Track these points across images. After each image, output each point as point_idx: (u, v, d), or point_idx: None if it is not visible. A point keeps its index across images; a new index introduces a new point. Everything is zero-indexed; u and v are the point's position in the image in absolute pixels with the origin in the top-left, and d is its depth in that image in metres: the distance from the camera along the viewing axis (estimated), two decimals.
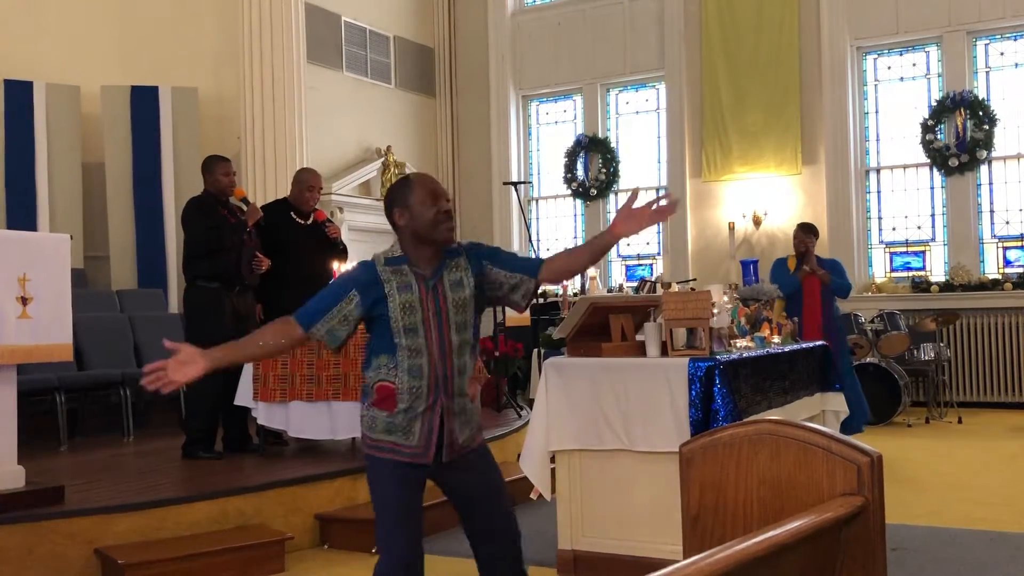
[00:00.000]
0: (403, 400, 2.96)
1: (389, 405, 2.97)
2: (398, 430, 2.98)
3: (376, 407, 2.99)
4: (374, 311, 2.98)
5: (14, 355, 4.34)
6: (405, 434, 2.98)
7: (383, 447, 3.00)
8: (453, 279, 3.00)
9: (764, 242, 11.01)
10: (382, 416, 2.98)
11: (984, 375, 9.94)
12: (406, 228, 2.98)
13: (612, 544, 4.21)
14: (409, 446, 2.98)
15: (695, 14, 11.48)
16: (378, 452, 3.02)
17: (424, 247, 2.98)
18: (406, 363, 2.95)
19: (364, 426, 3.05)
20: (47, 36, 9.32)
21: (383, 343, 2.99)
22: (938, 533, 4.90)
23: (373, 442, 3.02)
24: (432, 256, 2.99)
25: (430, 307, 2.95)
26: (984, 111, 10.19)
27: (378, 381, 2.99)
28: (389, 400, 2.97)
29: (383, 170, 11.65)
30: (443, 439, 3.00)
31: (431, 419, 2.98)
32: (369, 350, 3.06)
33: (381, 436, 3.00)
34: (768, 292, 6.33)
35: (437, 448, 3.00)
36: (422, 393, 2.96)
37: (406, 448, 2.98)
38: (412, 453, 2.98)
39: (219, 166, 6.08)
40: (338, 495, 5.27)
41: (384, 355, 2.98)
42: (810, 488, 2.20)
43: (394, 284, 2.96)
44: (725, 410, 3.88)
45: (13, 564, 4.14)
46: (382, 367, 2.98)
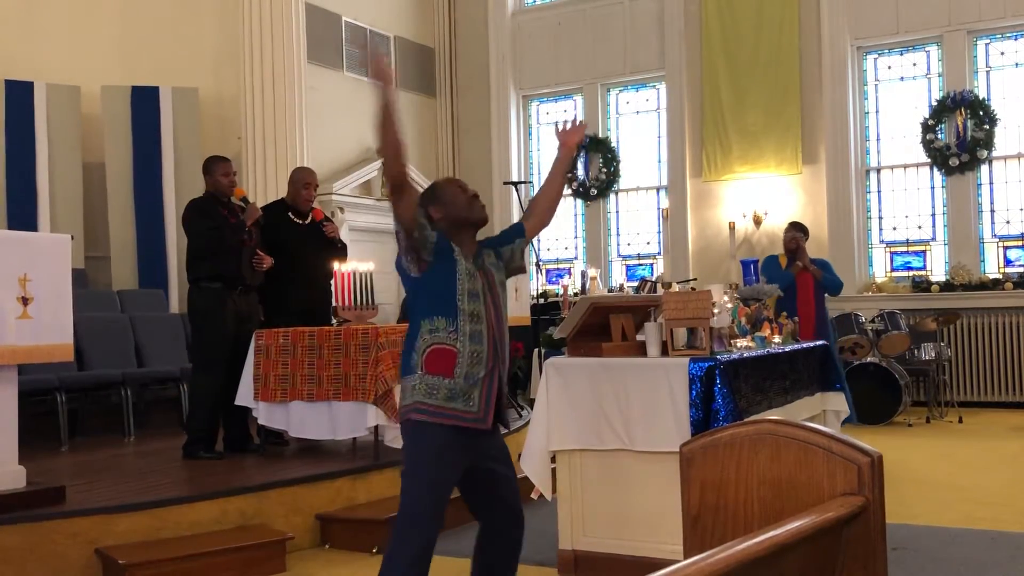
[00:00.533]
0: (462, 365, 2.99)
1: (448, 369, 2.99)
2: (460, 396, 3.00)
3: (432, 373, 2.99)
4: (440, 262, 3.04)
5: (15, 355, 4.35)
6: (467, 400, 3.01)
7: (446, 414, 2.99)
8: (491, 262, 3.20)
9: (764, 242, 11.00)
10: (443, 382, 2.99)
11: (985, 375, 9.94)
12: (443, 220, 3.13)
13: (613, 544, 4.21)
14: (471, 412, 3.02)
15: (695, 14, 11.48)
16: (437, 419, 3.00)
17: (464, 232, 3.14)
18: (468, 327, 3.01)
19: (419, 394, 3.02)
20: (47, 36, 9.32)
21: (440, 305, 3.02)
22: (939, 533, 4.90)
23: (435, 408, 3.00)
24: (471, 241, 3.16)
25: (482, 281, 3.11)
26: (984, 111, 10.18)
27: (434, 344, 3.00)
28: (448, 364, 2.99)
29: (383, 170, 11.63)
30: (501, 404, 3.10)
31: (491, 385, 3.04)
32: (419, 314, 3.06)
33: (443, 403, 2.99)
34: (768, 292, 6.34)
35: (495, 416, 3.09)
36: (482, 359, 3.02)
37: (468, 415, 3.01)
38: (474, 419, 3.02)
39: (219, 166, 6.08)
40: (339, 495, 5.27)
41: (442, 317, 3.01)
42: (811, 488, 2.20)
43: (457, 252, 3.09)
44: (725, 410, 3.88)
45: (14, 564, 4.14)
46: (440, 330, 3.00)
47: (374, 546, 4.89)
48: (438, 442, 3.01)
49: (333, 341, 5.65)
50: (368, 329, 5.59)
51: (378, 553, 4.84)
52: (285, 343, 5.81)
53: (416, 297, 3.11)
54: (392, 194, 3.05)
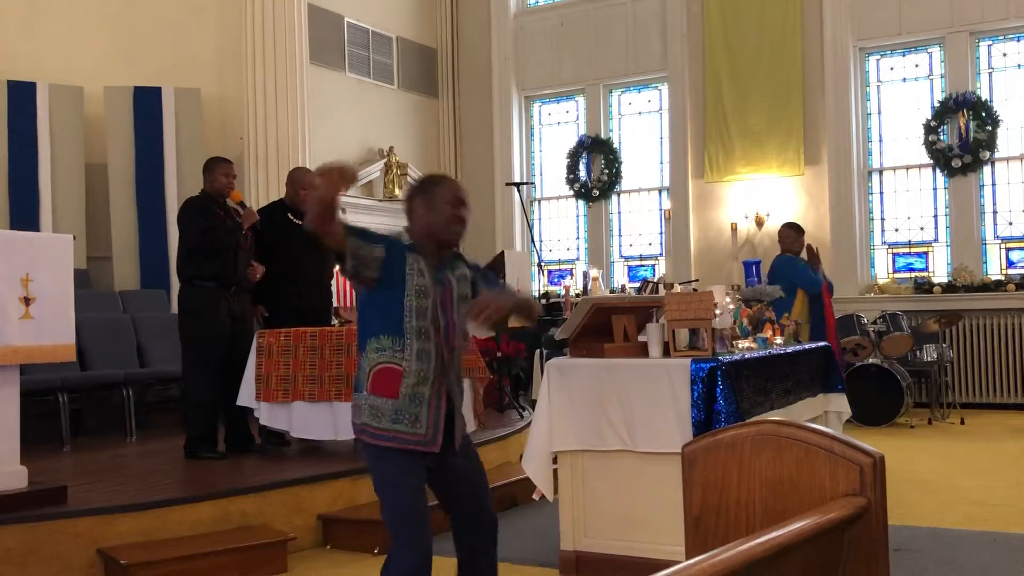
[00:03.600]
0: (407, 385, 2.91)
1: (392, 391, 2.91)
2: (405, 418, 2.92)
3: (376, 393, 2.92)
4: (390, 278, 2.93)
5: (17, 355, 4.35)
6: (412, 422, 2.92)
7: (386, 436, 2.92)
8: (458, 274, 3.09)
9: (767, 243, 11.00)
10: (387, 404, 2.91)
11: (987, 376, 9.93)
12: (422, 219, 3.03)
13: (614, 545, 4.21)
14: (417, 434, 2.93)
15: (697, 15, 11.48)
16: (383, 442, 2.93)
17: (431, 243, 3.02)
18: (415, 346, 2.92)
19: (364, 415, 2.95)
20: (50, 37, 9.33)
21: (388, 323, 2.93)
22: (940, 534, 4.89)
23: (376, 431, 2.93)
24: (437, 252, 3.04)
25: (438, 295, 2.99)
26: (987, 112, 10.18)
27: (380, 364, 2.92)
28: (393, 384, 2.91)
29: (386, 171, 11.66)
30: (451, 426, 3.01)
31: (438, 405, 2.96)
32: (367, 332, 2.99)
33: (387, 425, 2.92)
34: (770, 293, 6.34)
35: (445, 436, 2.99)
36: (428, 378, 2.93)
37: (413, 437, 2.93)
38: (420, 441, 2.93)
39: (221, 166, 6.09)
40: (340, 496, 5.27)
41: (388, 336, 2.93)
42: (812, 489, 2.20)
43: (414, 266, 2.98)
44: (727, 411, 3.88)
45: (16, 564, 4.15)
46: (385, 349, 2.92)
47: (375, 547, 4.89)
48: (393, 462, 2.95)
49: (335, 341, 5.65)
50: None
51: (380, 554, 4.85)
52: (287, 343, 5.81)
53: (364, 313, 3.02)
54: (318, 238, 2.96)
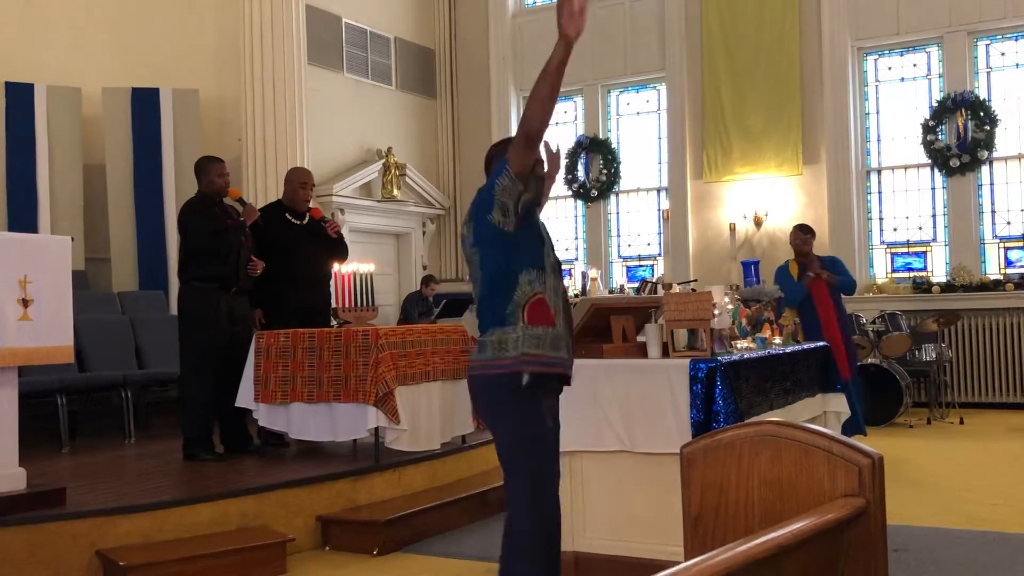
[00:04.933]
0: (557, 314, 3.03)
1: (549, 319, 3.00)
2: (563, 344, 3.04)
3: (535, 324, 2.98)
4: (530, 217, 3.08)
5: (15, 357, 4.35)
6: (568, 349, 3.06)
7: (555, 362, 3.00)
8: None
9: (765, 243, 11.01)
10: (549, 331, 2.99)
11: (986, 376, 9.94)
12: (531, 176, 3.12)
13: (613, 545, 4.20)
14: (570, 360, 3.08)
15: (695, 15, 11.48)
16: (551, 368, 2.99)
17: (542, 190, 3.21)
18: (551, 280, 3.06)
19: (522, 346, 2.96)
20: (48, 38, 9.33)
21: (530, 256, 3.04)
22: (940, 534, 4.89)
23: (543, 358, 2.97)
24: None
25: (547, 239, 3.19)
26: (985, 111, 10.18)
27: (534, 295, 3.00)
28: (548, 314, 3.00)
29: (384, 171, 11.65)
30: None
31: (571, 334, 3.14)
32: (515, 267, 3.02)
33: (552, 353, 2.99)
34: (769, 293, 6.33)
35: None
36: (559, 311, 3.06)
37: (569, 362, 3.06)
38: (568, 367, 3.08)
39: (214, 167, 6.07)
40: (339, 497, 5.27)
41: (534, 269, 3.03)
42: (811, 489, 2.20)
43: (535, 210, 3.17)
44: (726, 411, 3.87)
45: (15, 566, 4.14)
46: (534, 281, 3.01)
47: (375, 547, 4.89)
48: (544, 404, 3.01)
49: (333, 342, 5.65)
50: (368, 330, 5.59)
51: (379, 555, 4.85)
52: (285, 345, 5.81)
53: (510, 250, 3.03)
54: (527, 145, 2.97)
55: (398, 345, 5.64)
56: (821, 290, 7.32)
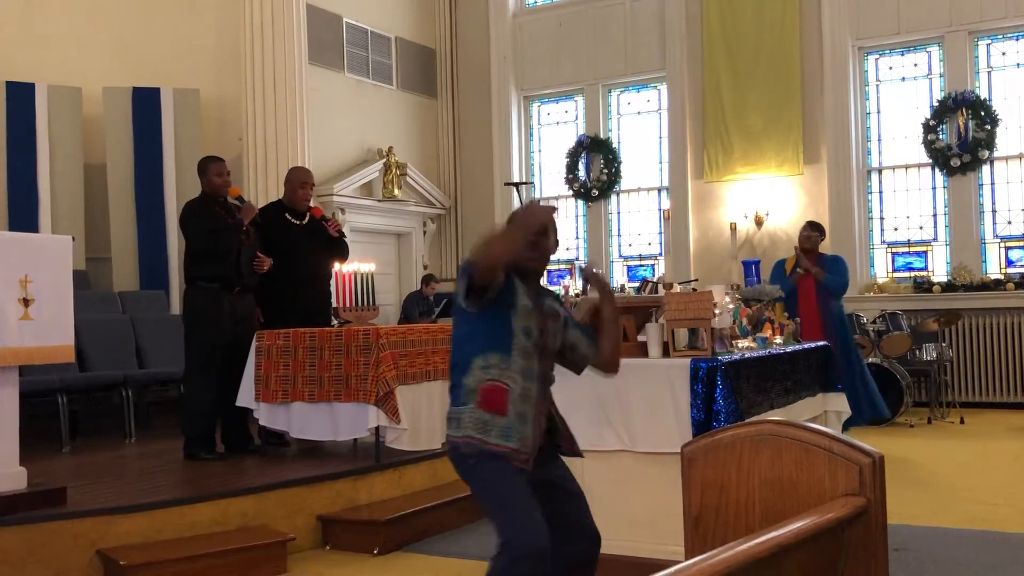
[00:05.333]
0: (514, 403, 2.89)
1: (501, 407, 2.88)
2: (514, 436, 2.88)
3: (484, 409, 2.88)
4: (500, 297, 2.92)
5: (16, 356, 4.35)
6: (520, 440, 2.89)
7: (498, 453, 2.87)
8: (549, 306, 3.08)
9: (766, 242, 11.01)
10: (496, 420, 2.88)
11: (986, 375, 9.93)
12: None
13: (614, 545, 4.18)
14: (523, 452, 2.89)
15: (696, 15, 11.48)
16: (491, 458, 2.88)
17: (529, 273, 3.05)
18: (520, 363, 2.91)
19: (468, 428, 2.90)
20: (49, 38, 9.33)
21: (495, 340, 2.91)
22: (940, 534, 4.89)
23: (484, 445, 2.88)
24: (534, 280, 3.08)
25: (539, 318, 3.01)
26: (986, 111, 10.18)
27: (487, 380, 2.89)
28: (501, 401, 2.88)
29: (384, 171, 11.66)
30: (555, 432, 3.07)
31: (539, 423, 2.96)
32: (470, 349, 2.95)
33: (498, 441, 2.87)
34: (770, 293, 6.33)
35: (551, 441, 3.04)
36: (531, 396, 2.93)
37: (519, 455, 2.88)
38: (523, 460, 2.89)
39: (212, 167, 6.07)
40: (340, 496, 5.27)
41: (495, 353, 2.90)
42: (812, 489, 2.20)
43: (519, 288, 2.98)
44: (727, 411, 3.87)
45: (15, 565, 4.14)
46: (492, 367, 2.89)
47: (375, 547, 4.89)
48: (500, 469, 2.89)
49: (334, 342, 5.65)
50: (369, 330, 5.59)
51: (379, 554, 4.85)
52: (286, 344, 5.80)
53: (470, 332, 2.98)
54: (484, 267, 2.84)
55: (399, 344, 5.63)
56: (808, 291, 7.29)
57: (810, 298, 7.27)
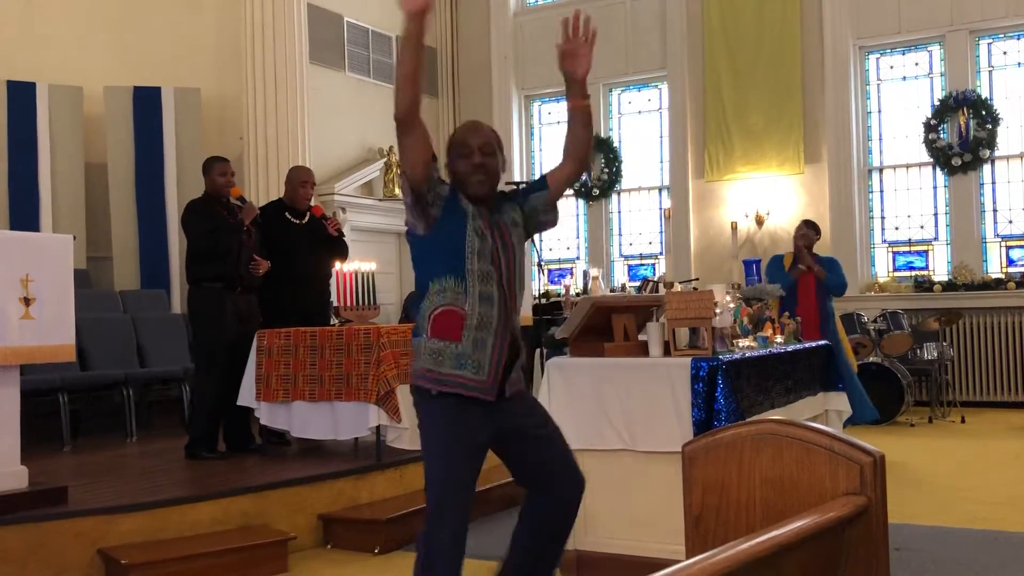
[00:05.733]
0: (470, 328, 2.79)
1: (455, 333, 2.78)
2: (468, 363, 2.78)
3: (439, 337, 2.80)
4: (449, 218, 2.84)
5: (17, 356, 4.35)
6: (476, 368, 2.79)
7: (449, 381, 2.79)
8: (508, 219, 3.00)
9: (767, 242, 11.00)
10: (450, 347, 2.78)
11: (987, 375, 9.93)
12: (452, 176, 2.96)
13: (615, 544, 4.21)
14: (479, 380, 2.79)
15: (697, 14, 11.48)
16: (442, 387, 2.80)
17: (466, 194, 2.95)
18: (477, 288, 2.81)
19: (424, 360, 2.83)
20: (49, 37, 9.33)
21: (449, 264, 2.82)
22: (941, 533, 4.89)
23: (438, 376, 2.80)
24: (485, 203, 2.96)
25: (496, 238, 2.91)
26: (987, 110, 10.18)
27: (442, 305, 2.81)
28: (455, 327, 2.79)
29: (385, 170, 11.65)
30: (506, 374, 2.87)
31: (501, 351, 2.83)
32: (428, 273, 2.88)
33: (450, 370, 2.78)
34: (771, 292, 6.33)
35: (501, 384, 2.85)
36: (491, 322, 2.82)
37: (474, 382, 2.79)
38: (481, 388, 2.79)
39: (216, 166, 6.09)
40: (341, 495, 5.27)
41: (451, 277, 2.81)
42: (812, 488, 2.20)
43: (469, 208, 2.90)
44: (727, 410, 3.87)
45: (16, 564, 4.15)
46: (447, 290, 2.81)
47: (376, 546, 4.89)
48: (449, 420, 2.81)
49: (335, 341, 5.65)
50: (370, 329, 5.59)
51: (380, 553, 4.85)
52: (287, 343, 5.81)
53: (424, 255, 2.91)
54: (400, 134, 2.75)
55: (400, 344, 5.63)
56: (808, 287, 7.28)
57: (810, 296, 7.26)
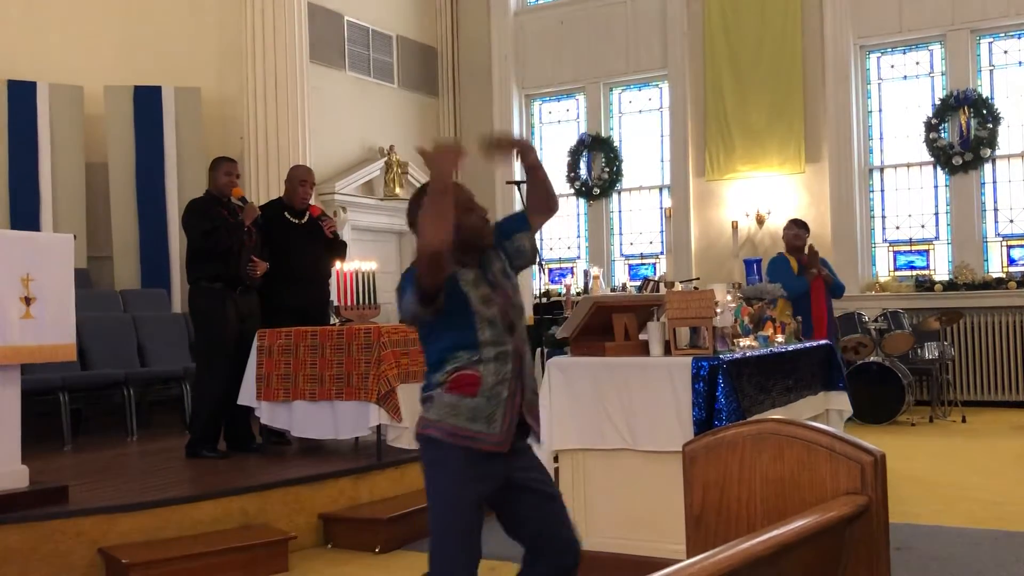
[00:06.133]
0: (486, 388, 2.82)
1: (471, 391, 2.82)
2: (482, 418, 2.82)
3: (455, 392, 2.82)
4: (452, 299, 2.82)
5: (18, 355, 4.35)
6: (488, 422, 2.82)
7: (463, 435, 2.82)
8: (498, 268, 2.97)
9: (767, 241, 10.99)
10: (465, 402, 2.81)
11: (988, 374, 9.93)
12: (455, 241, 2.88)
13: (615, 543, 4.21)
14: (493, 435, 2.82)
15: (698, 13, 11.47)
16: (454, 439, 2.82)
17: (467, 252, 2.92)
18: (492, 353, 2.83)
19: (437, 412, 2.85)
20: (50, 36, 9.33)
21: (460, 340, 2.84)
22: (942, 532, 4.89)
23: (454, 428, 2.82)
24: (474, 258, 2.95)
25: (498, 298, 2.90)
26: (988, 109, 10.17)
27: (459, 369, 2.82)
28: (472, 386, 2.82)
29: (386, 170, 11.65)
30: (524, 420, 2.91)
31: (513, 404, 2.86)
32: (439, 346, 2.88)
33: (464, 424, 2.81)
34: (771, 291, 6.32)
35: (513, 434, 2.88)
36: (506, 376, 2.84)
37: (490, 437, 2.82)
38: (495, 442, 2.83)
39: (222, 166, 6.11)
40: (341, 495, 5.27)
41: (464, 351, 2.83)
42: (813, 487, 2.20)
43: (467, 279, 2.88)
44: (728, 409, 3.87)
45: (17, 564, 4.15)
46: (462, 360, 2.83)
47: (376, 545, 4.89)
48: (457, 469, 2.83)
49: (335, 340, 5.65)
50: (370, 328, 5.59)
51: (381, 552, 4.85)
52: (287, 343, 5.81)
53: (432, 335, 2.91)
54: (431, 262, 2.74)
55: (400, 343, 5.63)
56: (819, 291, 7.30)
57: (821, 299, 7.27)
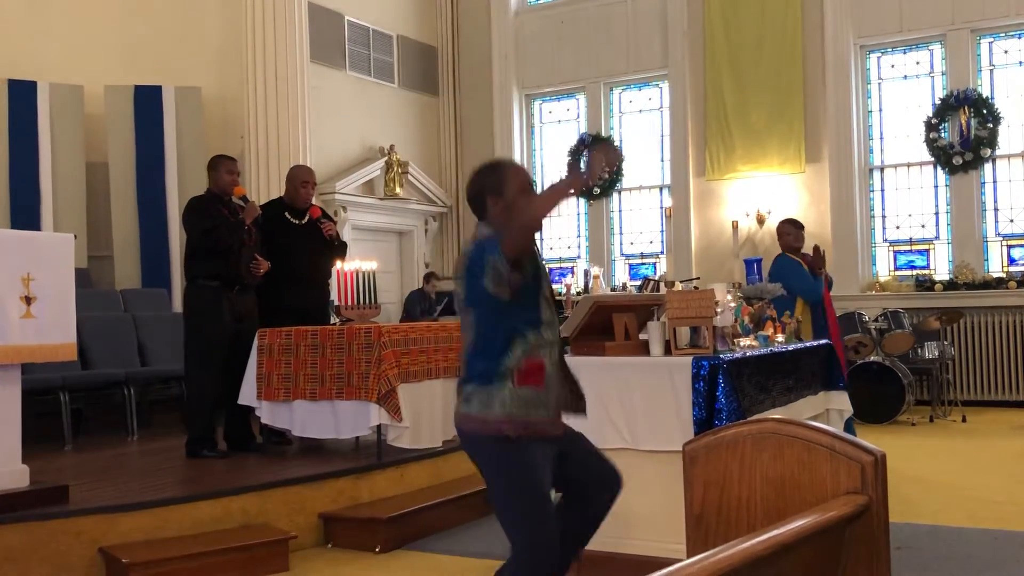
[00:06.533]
0: (549, 376, 2.90)
1: (540, 381, 2.86)
2: (544, 405, 2.90)
3: (524, 385, 2.84)
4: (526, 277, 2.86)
5: (18, 354, 4.35)
6: (547, 407, 2.91)
7: (535, 425, 2.86)
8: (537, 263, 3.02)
9: (768, 241, 10.98)
10: (533, 394, 2.86)
11: (988, 374, 9.93)
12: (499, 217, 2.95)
13: (616, 543, 4.20)
14: (551, 420, 2.94)
15: (698, 12, 11.47)
16: (527, 431, 2.84)
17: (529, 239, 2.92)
18: (549, 335, 2.91)
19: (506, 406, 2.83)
20: (51, 36, 9.33)
21: (527, 320, 2.87)
22: (942, 532, 4.89)
23: (529, 422, 2.85)
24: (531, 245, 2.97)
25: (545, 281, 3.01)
26: (988, 109, 10.17)
27: (526, 356, 2.85)
28: (540, 375, 2.87)
29: (386, 169, 11.66)
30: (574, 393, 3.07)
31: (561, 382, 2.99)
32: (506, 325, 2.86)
33: (535, 415, 2.86)
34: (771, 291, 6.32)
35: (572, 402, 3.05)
36: (556, 361, 2.96)
37: (551, 423, 2.93)
38: (552, 424, 2.93)
39: (224, 164, 6.10)
40: (342, 494, 5.27)
41: (529, 330, 2.87)
42: (814, 487, 2.20)
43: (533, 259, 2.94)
44: (728, 409, 3.87)
45: (18, 563, 4.15)
46: (529, 343, 2.86)
47: (377, 545, 4.89)
48: (531, 459, 2.85)
49: (336, 340, 5.65)
50: (371, 328, 5.59)
51: (381, 552, 4.85)
52: (288, 342, 5.81)
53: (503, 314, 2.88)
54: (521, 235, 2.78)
55: (400, 343, 5.64)
56: (826, 292, 7.32)
57: (828, 298, 7.28)
